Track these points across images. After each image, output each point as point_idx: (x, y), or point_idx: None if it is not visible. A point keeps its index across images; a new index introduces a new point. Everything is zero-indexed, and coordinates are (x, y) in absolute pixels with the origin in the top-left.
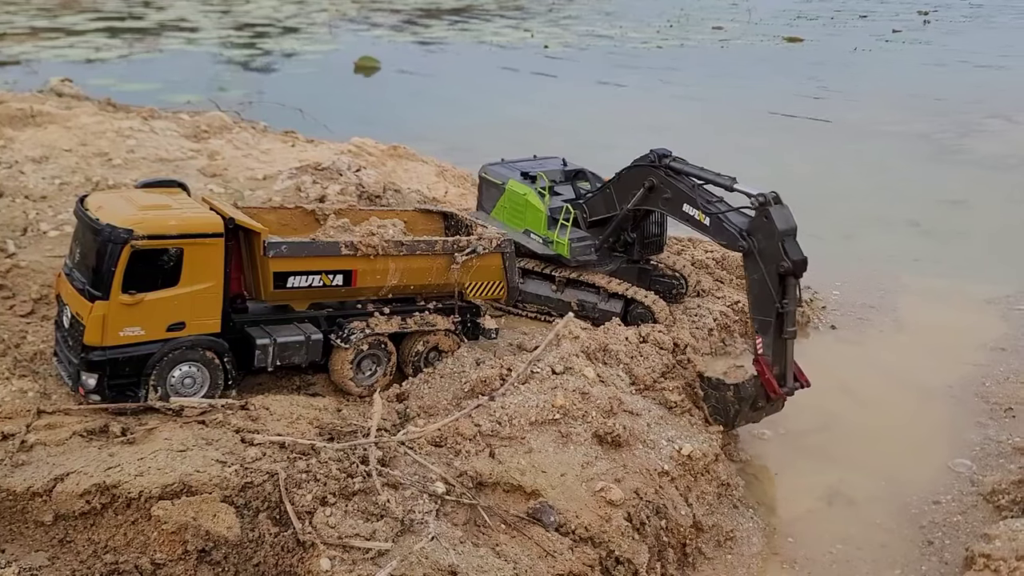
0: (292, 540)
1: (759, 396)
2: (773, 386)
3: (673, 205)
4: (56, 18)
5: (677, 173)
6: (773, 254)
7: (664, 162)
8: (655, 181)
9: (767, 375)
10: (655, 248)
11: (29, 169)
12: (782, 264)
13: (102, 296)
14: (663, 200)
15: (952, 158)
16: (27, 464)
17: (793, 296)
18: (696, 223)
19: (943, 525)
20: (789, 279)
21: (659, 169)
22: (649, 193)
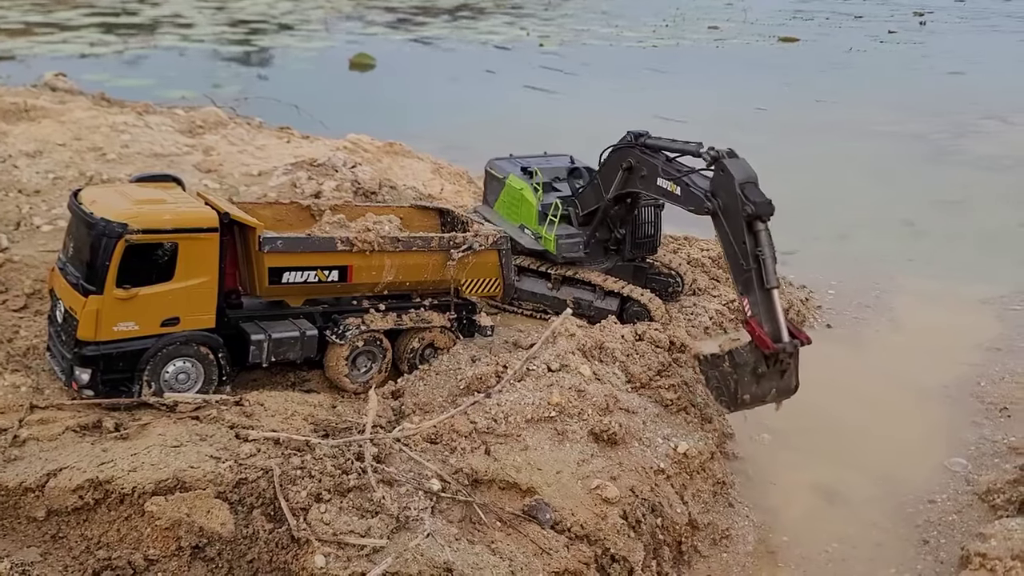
0: (286, 537)
1: (758, 362)
2: (766, 343)
3: (648, 181)
4: (50, 13)
5: (652, 150)
6: (735, 205)
7: (640, 141)
8: (632, 161)
9: (758, 332)
10: (648, 248)
11: (23, 163)
12: (745, 209)
13: (96, 290)
14: (640, 179)
15: (947, 159)
16: (19, 459)
17: (767, 243)
18: (670, 195)
19: (939, 524)
20: (757, 224)
21: (635, 148)
22: (629, 175)
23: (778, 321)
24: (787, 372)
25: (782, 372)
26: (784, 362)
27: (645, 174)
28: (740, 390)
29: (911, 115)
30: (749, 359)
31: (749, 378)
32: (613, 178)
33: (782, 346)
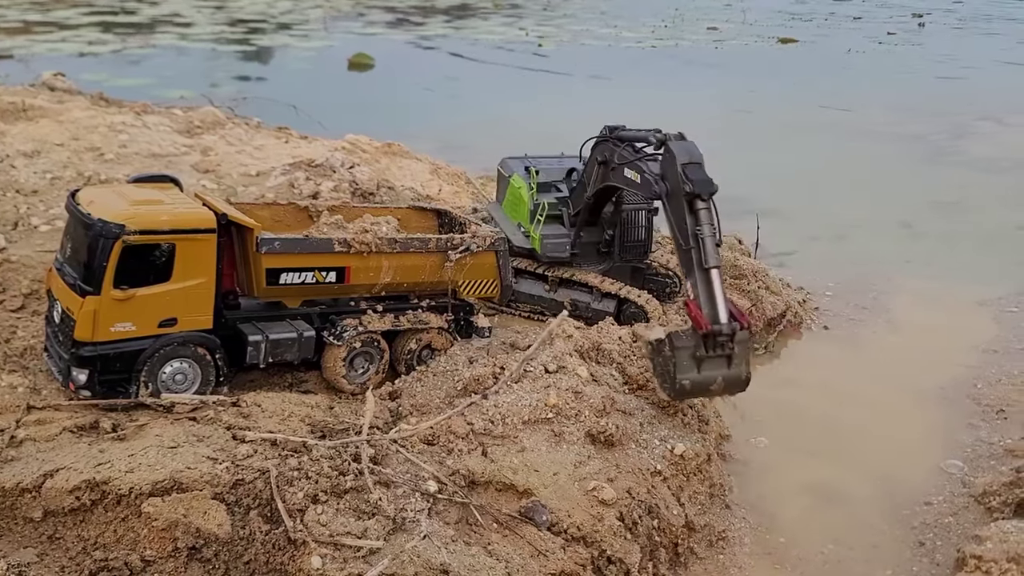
0: (283, 538)
1: (697, 345)
2: (700, 322)
3: (618, 173)
4: (49, 12)
5: (622, 141)
6: (678, 185)
7: (614, 133)
8: (606, 154)
9: (694, 313)
10: (638, 253)
11: (20, 163)
12: (684, 187)
13: (93, 291)
14: (612, 171)
15: (945, 160)
16: (16, 460)
17: (707, 222)
18: (633, 184)
19: (935, 526)
20: (697, 203)
21: (608, 141)
22: (604, 168)
23: (716, 302)
24: (734, 360)
25: (728, 359)
26: (725, 346)
27: (615, 166)
28: (678, 374)
29: (909, 116)
30: (688, 342)
31: (688, 362)
32: (593, 174)
33: (718, 327)
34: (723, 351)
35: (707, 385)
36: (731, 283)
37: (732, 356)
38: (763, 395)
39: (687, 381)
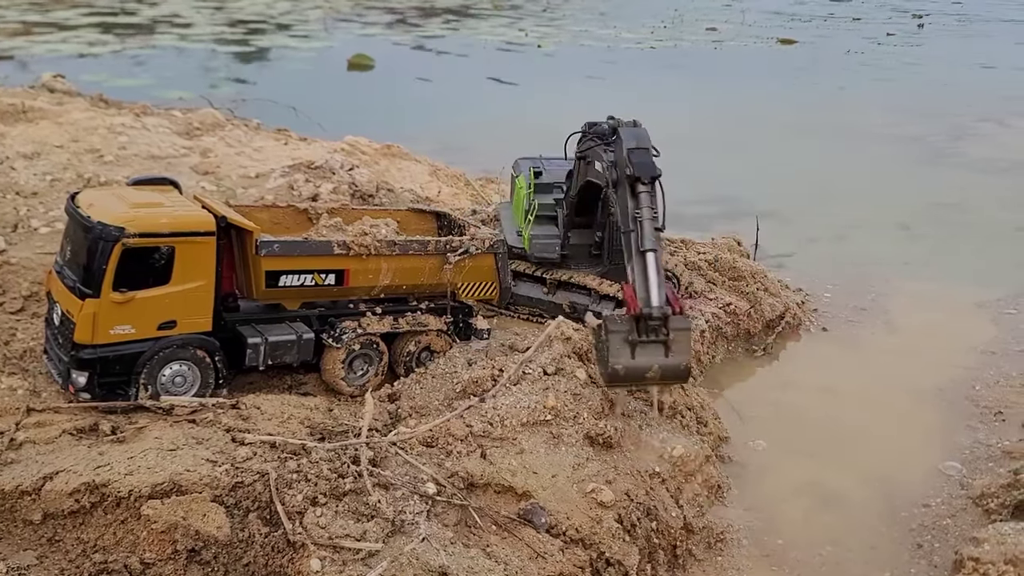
0: (282, 540)
1: (631, 329)
2: (632, 304)
3: (591, 167)
4: (48, 13)
5: (598, 136)
6: (623, 170)
7: (592, 129)
8: (584, 149)
9: (628, 294)
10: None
11: (20, 165)
12: (626, 170)
13: (93, 294)
14: (588, 166)
15: (944, 161)
16: (16, 462)
17: (647, 205)
18: (601, 176)
19: (932, 528)
20: (638, 186)
21: (585, 136)
22: (584, 164)
23: (650, 285)
24: (673, 348)
25: (665, 346)
26: (659, 332)
27: (590, 159)
28: (611, 358)
29: (908, 117)
30: (622, 326)
31: (621, 346)
32: (576, 171)
33: (648, 310)
34: (657, 336)
35: (642, 372)
36: (730, 285)
37: (669, 344)
38: (762, 397)
39: (620, 366)
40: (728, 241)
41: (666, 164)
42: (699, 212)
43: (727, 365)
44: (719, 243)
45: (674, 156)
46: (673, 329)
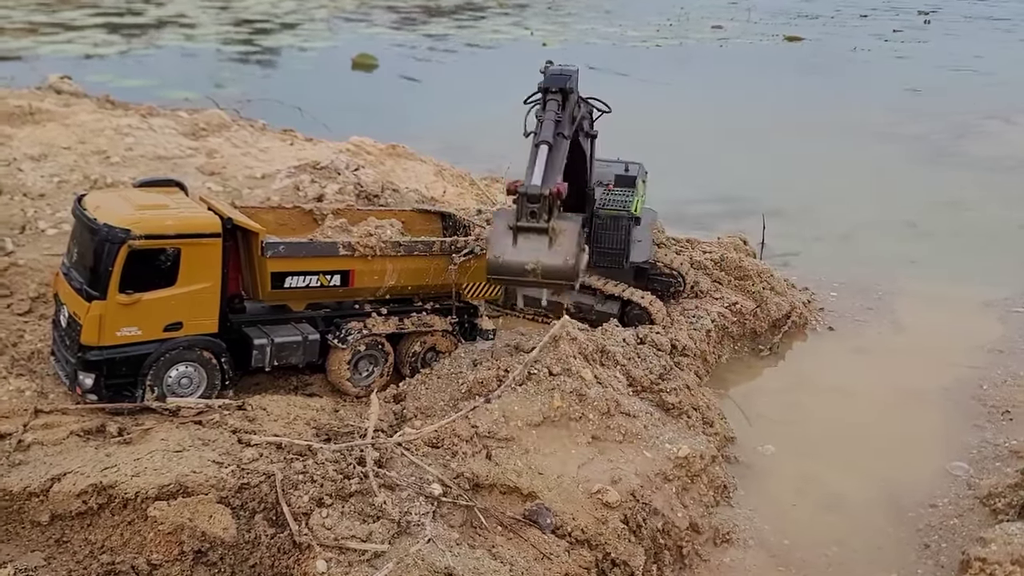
0: (288, 541)
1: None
2: (514, 187)
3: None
4: (55, 13)
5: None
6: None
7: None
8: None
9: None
10: (613, 260)
11: (28, 167)
12: (539, 84)
13: (99, 296)
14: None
15: (950, 159)
16: (24, 464)
17: (552, 110)
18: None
19: (939, 528)
20: (547, 95)
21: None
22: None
23: (535, 170)
24: (555, 245)
25: (548, 240)
26: (540, 217)
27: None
28: (495, 248)
29: (914, 115)
30: (507, 216)
31: (504, 235)
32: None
33: (524, 189)
34: (536, 221)
35: (523, 266)
36: (736, 284)
37: (552, 238)
38: (768, 397)
39: (501, 256)
40: (734, 240)
41: (671, 163)
42: (704, 211)
43: (733, 365)
44: (725, 242)
45: (679, 154)
46: (558, 222)
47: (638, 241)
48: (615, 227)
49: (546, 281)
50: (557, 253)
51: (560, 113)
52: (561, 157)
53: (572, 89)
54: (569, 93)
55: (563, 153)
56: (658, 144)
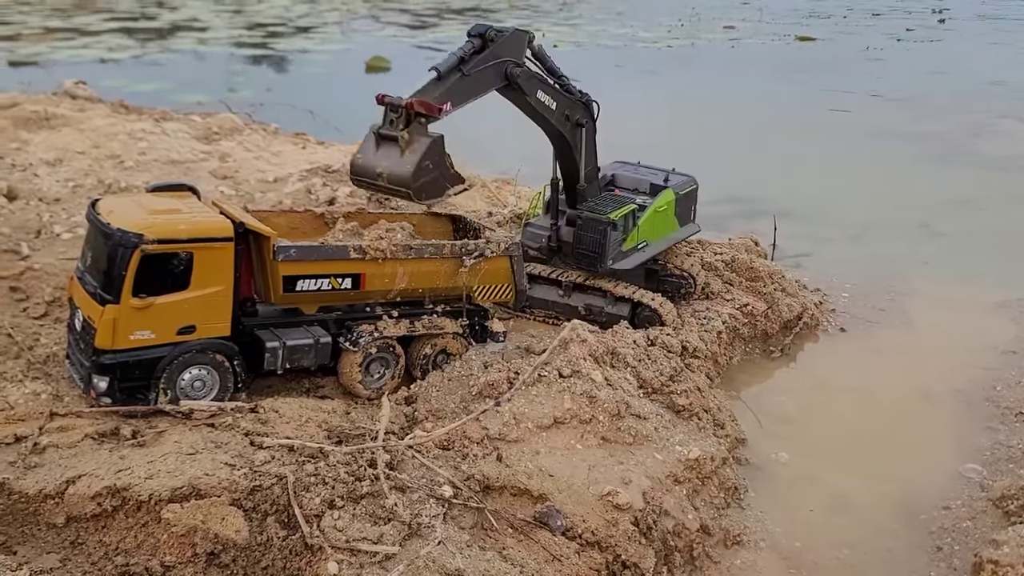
0: (300, 543)
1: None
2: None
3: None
4: (70, 18)
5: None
6: None
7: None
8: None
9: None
10: (588, 262)
11: (43, 172)
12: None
13: (113, 300)
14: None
15: (962, 159)
16: (40, 466)
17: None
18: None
19: (952, 531)
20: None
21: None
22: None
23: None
24: (404, 153)
25: (399, 148)
26: (396, 124)
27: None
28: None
29: (926, 114)
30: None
31: (370, 139)
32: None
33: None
34: (394, 129)
35: (374, 169)
36: (747, 285)
37: (403, 149)
38: (779, 398)
39: (360, 157)
40: (745, 241)
41: (681, 162)
42: (716, 212)
43: (744, 366)
44: (736, 243)
45: (690, 154)
46: (413, 135)
47: (619, 248)
48: (592, 230)
49: (391, 187)
50: (404, 162)
51: (469, 54)
52: (453, 87)
53: (492, 38)
54: (488, 41)
55: (456, 85)
56: (668, 144)
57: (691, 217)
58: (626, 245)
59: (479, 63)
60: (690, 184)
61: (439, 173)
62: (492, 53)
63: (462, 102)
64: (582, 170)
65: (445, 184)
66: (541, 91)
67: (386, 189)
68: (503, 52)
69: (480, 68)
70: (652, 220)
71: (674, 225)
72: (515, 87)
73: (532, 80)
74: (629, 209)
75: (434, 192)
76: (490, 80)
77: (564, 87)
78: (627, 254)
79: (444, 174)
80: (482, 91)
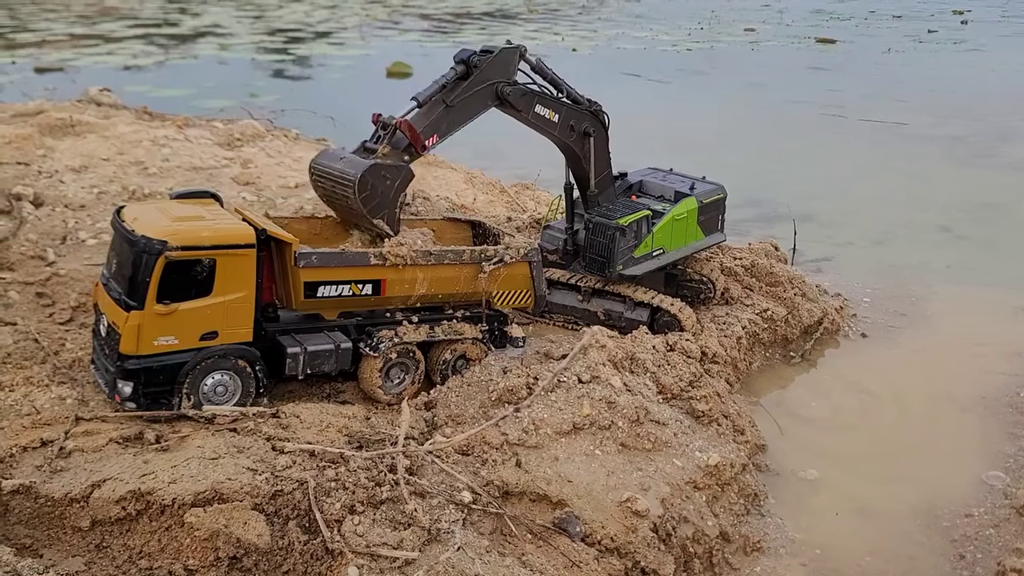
0: (321, 548)
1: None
2: (377, 117)
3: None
4: (95, 25)
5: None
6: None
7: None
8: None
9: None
10: (597, 267)
11: (69, 178)
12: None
13: (137, 306)
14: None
15: (985, 162)
16: (65, 470)
17: (443, 75)
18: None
19: (975, 539)
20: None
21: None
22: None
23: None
24: (364, 159)
25: (368, 155)
26: (379, 140)
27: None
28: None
29: (949, 117)
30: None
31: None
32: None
33: (378, 115)
34: (378, 144)
35: (332, 163)
36: (767, 290)
37: (365, 158)
38: (799, 404)
39: (329, 153)
40: (765, 246)
41: (700, 166)
42: (735, 216)
43: (764, 372)
44: (756, 248)
45: (709, 158)
46: (393, 150)
47: (630, 253)
48: (601, 234)
49: (337, 177)
50: (363, 164)
51: (452, 81)
52: (438, 119)
53: (476, 64)
54: (473, 67)
55: (440, 116)
56: (687, 147)
57: (718, 226)
58: (639, 251)
59: (465, 90)
60: (717, 193)
61: (385, 198)
62: (478, 78)
63: (449, 132)
64: (592, 177)
65: (383, 207)
66: (540, 105)
67: (331, 178)
68: (491, 74)
69: (466, 95)
70: (670, 227)
71: (697, 234)
72: (508, 105)
73: (526, 96)
74: (641, 215)
75: (372, 204)
76: (480, 104)
77: (570, 97)
78: (639, 260)
79: (387, 202)
80: (472, 116)
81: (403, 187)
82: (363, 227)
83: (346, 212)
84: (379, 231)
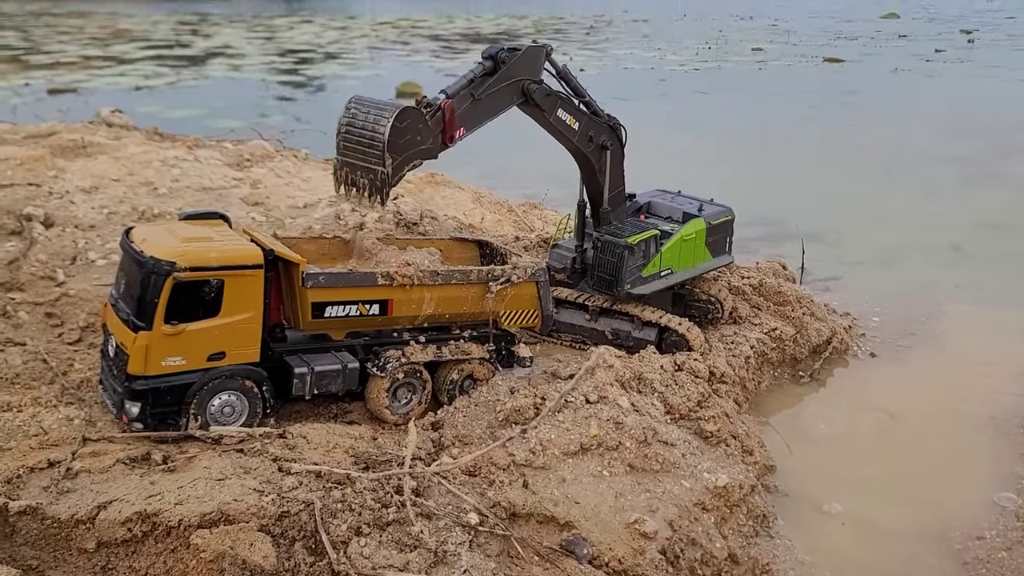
0: (327, 570)
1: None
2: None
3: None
4: (108, 47)
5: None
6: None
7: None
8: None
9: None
10: (604, 286)
11: (79, 199)
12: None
13: (145, 326)
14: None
15: (994, 181)
16: (72, 491)
17: (471, 70)
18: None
19: (987, 561)
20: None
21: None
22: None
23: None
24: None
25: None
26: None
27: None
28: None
29: (957, 135)
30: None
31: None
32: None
33: (423, 96)
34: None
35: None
36: (775, 310)
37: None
38: (809, 424)
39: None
40: (773, 265)
41: (708, 185)
42: (743, 235)
43: (773, 392)
44: (764, 267)
45: (717, 177)
46: (433, 125)
47: (638, 272)
48: (610, 253)
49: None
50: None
51: (479, 76)
52: (465, 112)
53: (504, 60)
54: (500, 63)
55: (468, 110)
56: (695, 167)
57: (725, 248)
58: (647, 271)
59: (492, 85)
60: (724, 215)
61: (407, 146)
62: (505, 74)
63: (476, 125)
64: (606, 193)
65: (399, 150)
66: (562, 110)
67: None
68: (517, 71)
69: (493, 90)
70: (678, 248)
71: (705, 255)
72: (532, 103)
73: (551, 98)
74: (650, 235)
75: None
76: (506, 99)
77: (590, 108)
78: (647, 280)
79: (404, 149)
80: (498, 111)
81: (422, 155)
82: (357, 178)
83: (353, 150)
84: (375, 177)
